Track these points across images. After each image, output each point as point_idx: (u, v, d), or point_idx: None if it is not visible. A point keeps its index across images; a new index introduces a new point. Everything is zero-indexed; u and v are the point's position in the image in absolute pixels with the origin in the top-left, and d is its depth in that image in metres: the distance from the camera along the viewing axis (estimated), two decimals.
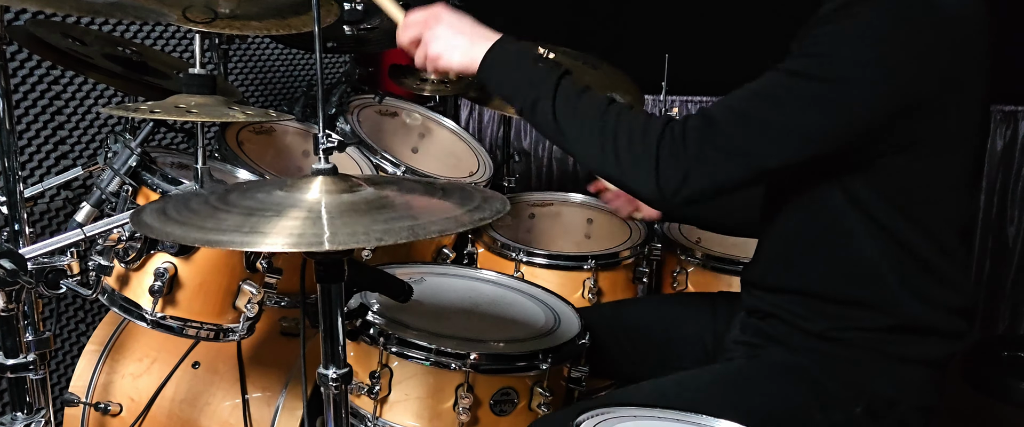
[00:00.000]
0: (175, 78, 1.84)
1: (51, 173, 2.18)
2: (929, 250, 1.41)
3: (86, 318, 2.37)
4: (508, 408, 1.58)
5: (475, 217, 1.13)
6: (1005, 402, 2.42)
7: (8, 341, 1.48)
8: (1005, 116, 3.10)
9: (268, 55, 2.90)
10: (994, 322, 3.25)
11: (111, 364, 1.94)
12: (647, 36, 3.21)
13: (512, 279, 1.97)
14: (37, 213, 2.15)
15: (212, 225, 1.08)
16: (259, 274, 1.66)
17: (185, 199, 1.22)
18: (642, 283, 2.31)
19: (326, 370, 1.24)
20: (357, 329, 1.57)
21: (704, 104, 3.30)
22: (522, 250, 2.21)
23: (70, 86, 2.22)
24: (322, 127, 1.19)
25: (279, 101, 2.97)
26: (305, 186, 1.16)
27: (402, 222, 1.08)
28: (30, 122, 2.14)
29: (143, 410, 1.89)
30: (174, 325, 1.62)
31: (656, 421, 1.30)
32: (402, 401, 1.58)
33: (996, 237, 3.19)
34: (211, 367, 1.92)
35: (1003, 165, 3.14)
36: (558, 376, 1.64)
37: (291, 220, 1.07)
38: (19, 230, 1.50)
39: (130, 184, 1.62)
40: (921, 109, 1.31)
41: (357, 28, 2.39)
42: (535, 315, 1.78)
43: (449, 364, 1.53)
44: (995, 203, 3.17)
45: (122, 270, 1.59)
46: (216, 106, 1.50)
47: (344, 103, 2.42)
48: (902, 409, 1.45)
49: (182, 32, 2.52)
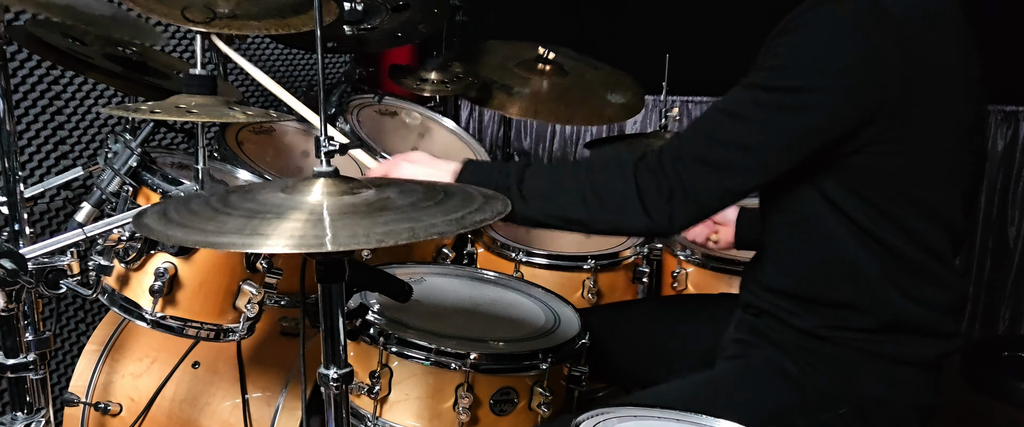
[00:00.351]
0: (175, 78, 1.84)
1: (51, 173, 2.18)
2: (913, 249, 1.41)
3: (86, 318, 2.36)
4: (508, 408, 1.58)
5: (476, 218, 1.13)
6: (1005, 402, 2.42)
7: (8, 341, 1.48)
8: (1006, 116, 3.11)
9: (268, 55, 2.90)
10: (994, 322, 3.25)
11: (111, 364, 1.94)
12: (647, 36, 3.21)
13: (512, 279, 1.97)
14: (37, 213, 2.15)
15: (214, 227, 1.08)
16: (259, 274, 1.66)
17: (186, 201, 1.22)
18: (642, 283, 2.31)
19: (326, 370, 1.24)
20: (357, 329, 1.57)
21: (704, 104, 3.30)
22: (522, 250, 2.21)
23: (70, 86, 2.22)
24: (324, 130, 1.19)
25: (279, 101, 2.96)
26: (307, 188, 1.16)
27: (403, 224, 1.07)
28: (30, 122, 2.14)
29: (143, 410, 1.89)
30: (174, 325, 1.61)
31: (656, 421, 1.30)
32: (402, 401, 1.58)
33: (996, 237, 3.20)
34: (211, 367, 1.92)
35: (1003, 165, 3.14)
36: (558, 376, 1.64)
37: (295, 221, 1.07)
38: (19, 230, 1.50)
39: (130, 184, 1.62)
40: (883, 111, 1.32)
41: (357, 28, 2.39)
42: (535, 315, 1.78)
43: (449, 364, 1.53)
44: (995, 203, 3.17)
45: (122, 270, 1.59)
46: (216, 106, 1.50)
47: (344, 103, 2.42)
48: (895, 409, 1.46)
49: (182, 32, 2.52)
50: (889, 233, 1.40)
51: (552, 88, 2.53)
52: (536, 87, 2.53)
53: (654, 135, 2.57)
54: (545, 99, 2.50)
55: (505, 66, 2.58)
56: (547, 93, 2.52)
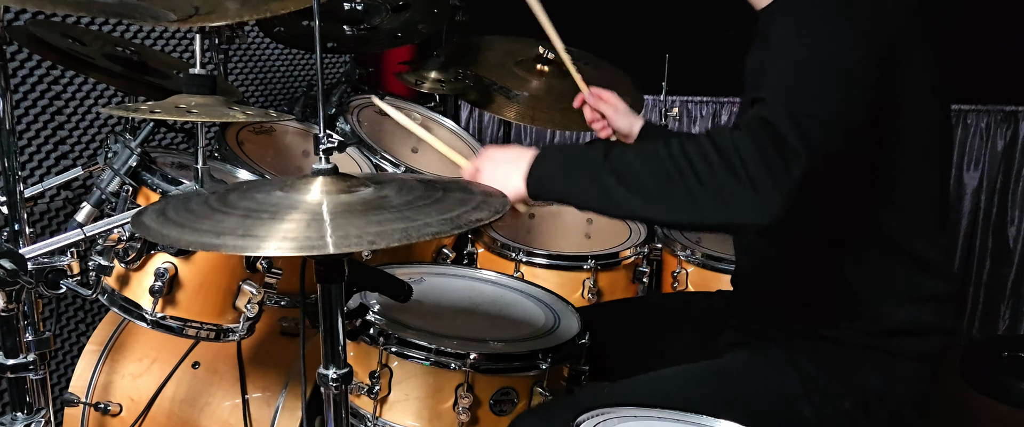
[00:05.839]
0: (175, 78, 1.84)
1: (51, 173, 2.18)
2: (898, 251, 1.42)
3: (86, 318, 2.37)
4: (508, 408, 1.58)
5: (472, 218, 1.13)
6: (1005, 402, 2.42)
7: (8, 341, 1.48)
8: (1005, 116, 3.10)
9: (268, 55, 2.90)
10: (994, 322, 3.25)
11: (111, 364, 1.94)
12: (647, 36, 3.21)
13: (512, 279, 1.97)
14: (37, 213, 2.15)
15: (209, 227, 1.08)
16: (259, 274, 1.66)
17: (185, 200, 1.22)
18: (642, 283, 2.31)
19: (326, 370, 1.24)
20: (357, 329, 1.57)
21: (704, 104, 3.30)
22: (522, 250, 2.21)
23: (70, 86, 2.22)
24: (322, 127, 1.19)
25: (279, 101, 2.97)
26: (305, 187, 1.16)
27: (397, 224, 1.07)
28: (30, 122, 2.14)
29: (143, 410, 1.89)
30: (174, 325, 1.62)
31: (656, 421, 1.30)
32: (402, 401, 1.58)
33: (996, 237, 3.20)
34: (211, 367, 1.92)
35: (1003, 165, 3.14)
36: (558, 376, 1.64)
37: (290, 222, 1.07)
38: (19, 230, 1.50)
39: (130, 184, 1.62)
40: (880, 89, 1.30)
41: (357, 28, 2.39)
42: (535, 315, 1.78)
43: (449, 364, 1.53)
44: (995, 203, 3.17)
45: (122, 270, 1.59)
46: (216, 106, 1.50)
47: (344, 103, 2.42)
48: (894, 405, 1.46)
49: (182, 32, 2.53)
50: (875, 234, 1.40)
51: (550, 90, 2.53)
52: (535, 89, 2.53)
53: None
54: (543, 103, 2.50)
55: (504, 65, 2.58)
56: (545, 95, 2.52)
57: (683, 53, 2.51)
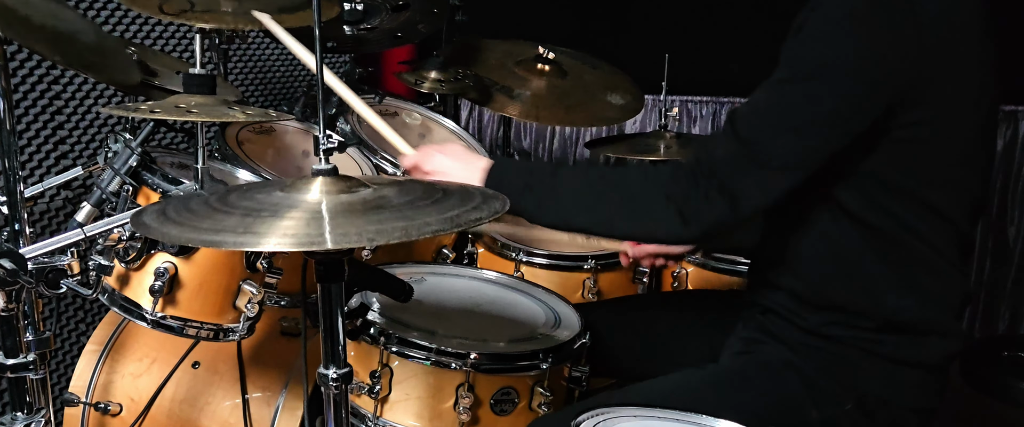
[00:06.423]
0: (175, 78, 1.84)
1: (51, 173, 2.18)
2: (916, 249, 1.41)
3: (86, 318, 2.37)
4: (508, 408, 1.58)
5: (471, 217, 1.13)
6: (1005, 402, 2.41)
7: (8, 341, 1.48)
8: (1005, 116, 3.10)
9: (268, 55, 2.91)
10: (994, 322, 3.25)
11: (111, 364, 1.94)
12: (647, 36, 3.21)
13: (513, 279, 1.97)
14: (37, 213, 2.15)
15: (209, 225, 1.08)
16: (259, 274, 1.66)
17: (185, 200, 1.22)
18: (642, 283, 2.31)
19: (326, 370, 1.23)
20: (357, 329, 1.57)
21: (704, 104, 3.30)
22: (522, 250, 2.21)
23: (70, 86, 2.22)
24: (322, 127, 1.19)
25: (279, 101, 2.97)
26: (305, 187, 1.16)
27: (397, 222, 1.07)
28: (30, 122, 2.14)
29: (143, 410, 1.89)
30: (174, 325, 1.62)
31: (656, 421, 1.30)
32: (402, 401, 1.58)
33: (996, 237, 3.19)
34: (211, 367, 1.92)
35: (1003, 165, 3.13)
36: (558, 376, 1.64)
37: (290, 220, 1.07)
38: (19, 230, 1.50)
39: (130, 184, 1.62)
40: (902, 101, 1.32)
41: (357, 28, 2.39)
42: (535, 315, 1.78)
43: (449, 364, 1.53)
44: (995, 203, 3.17)
45: (122, 270, 1.59)
46: (216, 106, 1.50)
47: (344, 103, 2.41)
48: (895, 410, 1.46)
49: (182, 32, 2.53)
50: (890, 232, 1.40)
51: (552, 89, 2.53)
52: (536, 88, 2.53)
53: (654, 135, 2.56)
54: (545, 101, 2.50)
55: (505, 65, 2.58)
56: (547, 94, 2.52)
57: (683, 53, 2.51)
